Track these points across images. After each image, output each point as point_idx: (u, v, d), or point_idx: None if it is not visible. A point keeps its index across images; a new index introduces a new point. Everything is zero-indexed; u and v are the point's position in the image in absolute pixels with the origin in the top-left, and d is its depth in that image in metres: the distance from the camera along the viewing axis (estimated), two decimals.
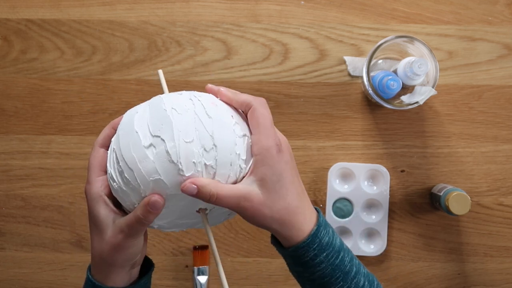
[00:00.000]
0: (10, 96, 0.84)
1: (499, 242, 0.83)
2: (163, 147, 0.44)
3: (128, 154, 0.45)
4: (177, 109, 0.46)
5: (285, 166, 0.47)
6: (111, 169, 0.48)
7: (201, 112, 0.46)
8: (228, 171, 0.46)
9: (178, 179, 0.44)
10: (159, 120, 0.46)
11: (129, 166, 0.45)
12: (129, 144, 0.46)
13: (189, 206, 0.48)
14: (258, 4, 0.83)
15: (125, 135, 0.47)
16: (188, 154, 0.44)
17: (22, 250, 0.85)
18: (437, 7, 0.82)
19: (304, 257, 0.48)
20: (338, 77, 0.83)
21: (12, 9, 0.84)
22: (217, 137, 0.45)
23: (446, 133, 0.83)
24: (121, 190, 0.47)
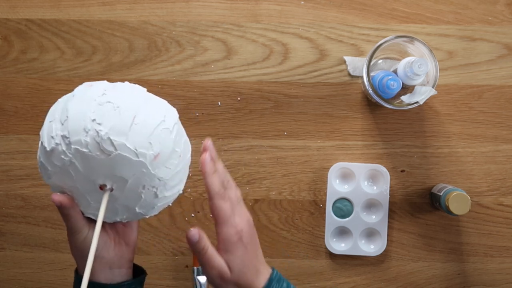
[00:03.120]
0: (10, 96, 0.84)
1: (499, 242, 0.83)
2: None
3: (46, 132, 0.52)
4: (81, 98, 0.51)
5: (244, 250, 0.54)
6: None
7: (72, 95, 0.52)
8: (82, 137, 0.48)
9: (47, 156, 0.51)
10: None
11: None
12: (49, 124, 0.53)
13: (89, 184, 0.51)
14: (258, 4, 0.83)
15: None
16: (48, 131, 0.50)
17: (22, 250, 0.85)
18: (437, 7, 0.82)
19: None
20: (338, 77, 0.83)
21: (12, 9, 0.84)
22: (70, 109, 0.49)
23: (446, 133, 0.83)
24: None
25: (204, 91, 0.83)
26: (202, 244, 0.53)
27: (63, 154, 0.49)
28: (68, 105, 0.49)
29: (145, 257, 0.84)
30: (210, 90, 0.83)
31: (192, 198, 0.84)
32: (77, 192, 0.52)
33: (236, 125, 0.83)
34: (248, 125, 0.83)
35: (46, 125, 0.51)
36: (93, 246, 0.49)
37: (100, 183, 0.51)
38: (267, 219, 0.83)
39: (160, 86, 0.83)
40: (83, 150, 0.48)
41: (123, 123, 0.49)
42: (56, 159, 0.50)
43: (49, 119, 0.51)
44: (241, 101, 0.83)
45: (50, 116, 0.51)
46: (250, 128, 0.83)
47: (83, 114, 0.48)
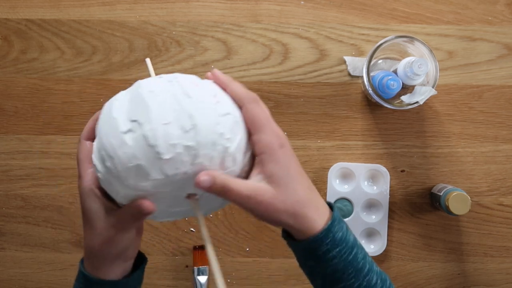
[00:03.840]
0: (10, 96, 0.84)
1: (499, 242, 0.83)
2: (140, 131, 0.43)
3: (107, 141, 0.44)
4: (154, 92, 0.45)
5: (290, 160, 0.46)
6: (95, 159, 0.46)
7: (179, 93, 0.45)
8: (210, 151, 0.44)
9: (158, 163, 0.43)
10: (136, 105, 0.44)
11: (110, 154, 0.44)
12: (107, 131, 0.45)
13: (178, 192, 0.46)
14: (258, 4, 0.83)
15: (104, 123, 0.46)
16: (166, 136, 0.42)
17: (22, 250, 0.85)
18: (437, 7, 0.82)
19: (317, 251, 0.47)
20: (338, 77, 0.83)
21: (12, 9, 0.84)
22: (196, 117, 0.43)
23: (446, 133, 0.83)
24: (106, 180, 0.46)
25: None
26: (220, 182, 0.43)
27: (182, 164, 0.43)
28: (189, 110, 0.44)
29: None
30: None
31: None
32: (157, 198, 0.46)
33: None
34: None
35: (159, 128, 0.43)
36: (216, 267, 0.44)
37: (190, 192, 0.46)
38: None
39: None
40: (205, 164, 0.44)
41: (244, 139, 0.45)
42: (170, 169, 0.43)
43: (158, 119, 0.43)
44: None
45: (141, 113, 0.44)
46: None
47: (212, 126, 0.44)
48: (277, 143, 0.46)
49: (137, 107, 0.44)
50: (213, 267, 0.44)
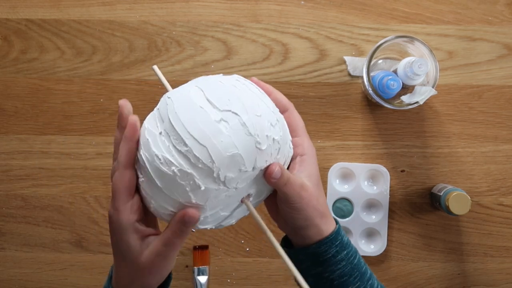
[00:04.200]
0: (10, 96, 0.84)
1: (499, 242, 0.83)
2: (237, 120, 0.42)
3: (198, 130, 0.42)
4: (236, 86, 0.45)
5: (317, 168, 0.50)
6: (165, 153, 0.42)
7: (256, 90, 0.46)
8: (286, 148, 0.46)
9: (254, 153, 0.42)
10: (225, 95, 0.44)
11: (201, 143, 0.41)
12: (195, 120, 0.42)
13: (235, 194, 0.45)
14: (258, 4, 0.83)
15: (186, 111, 0.43)
16: (261, 127, 0.43)
17: (22, 250, 0.85)
18: (437, 7, 0.82)
19: (327, 254, 0.48)
20: (338, 77, 0.83)
21: (12, 9, 0.84)
22: (277, 113, 0.46)
23: (446, 133, 0.83)
24: (181, 175, 0.42)
25: None
26: (285, 175, 0.46)
27: (269, 157, 0.44)
28: (271, 105, 0.46)
29: None
30: None
31: None
32: (214, 202, 0.45)
33: None
34: None
35: (254, 119, 0.43)
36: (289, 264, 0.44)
37: (246, 194, 0.46)
38: (267, 219, 0.83)
39: (160, 86, 0.83)
40: (281, 158, 0.46)
41: (287, 134, 0.48)
42: (260, 161, 0.44)
43: (251, 110, 0.43)
44: None
45: (233, 104, 0.43)
46: None
47: (285, 124, 0.48)
48: (314, 149, 0.51)
49: (226, 97, 0.43)
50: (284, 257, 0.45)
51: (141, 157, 0.44)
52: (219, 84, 0.45)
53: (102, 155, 0.84)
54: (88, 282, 0.84)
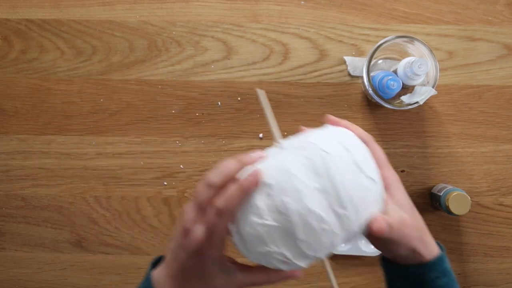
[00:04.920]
0: (10, 96, 0.84)
1: (499, 242, 0.83)
2: (377, 187, 0.46)
3: (358, 197, 0.44)
4: (360, 145, 0.49)
5: (405, 192, 0.51)
6: (319, 209, 0.43)
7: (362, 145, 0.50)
8: (380, 192, 0.48)
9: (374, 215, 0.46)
10: (368, 160, 0.47)
11: (359, 210, 0.44)
12: (356, 187, 0.44)
13: None
14: (258, 4, 0.83)
15: (347, 175, 0.44)
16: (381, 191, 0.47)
17: (22, 250, 0.85)
18: (437, 7, 0.82)
19: (426, 277, 0.48)
20: (338, 77, 0.83)
21: (12, 9, 0.84)
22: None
23: (446, 133, 0.83)
24: (326, 234, 0.43)
25: (204, 91, 0.83)
26: (388, 225, 0.46)
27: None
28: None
29: (145, 257, 0.84)
30: (210, 90, 0.83)
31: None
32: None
33: (236, 125, 0.83)
34: (248, 125, 0.83)
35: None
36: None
37: None
38: None
39: (160, 86, 0.83)
40: None
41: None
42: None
43: (377, 176, 0.47)
44: (241, 101, 0.83)
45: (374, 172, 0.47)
46: (250, 128, 0.83)
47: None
48: (397, 174, 0.51)
49: (369, 163, 0.47)
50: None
51: (282, 203, 0.43)
52: (357, 142, 0.48)
53: (102, 155, 0.84)
54: (88, 282, 0.85)
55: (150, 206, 0.84)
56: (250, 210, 0.44)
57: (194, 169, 0.84)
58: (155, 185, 0.84)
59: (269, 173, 0.44)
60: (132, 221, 0.84)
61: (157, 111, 0.84)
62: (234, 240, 0.47)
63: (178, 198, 0.84)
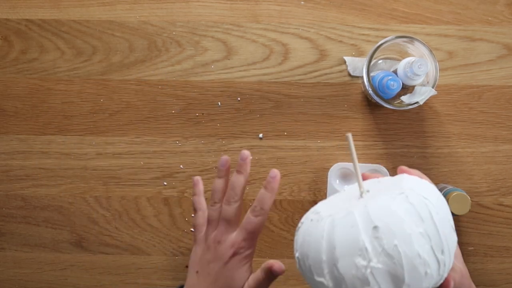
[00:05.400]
0: (10, 96, 0.84)
1: (499, 242, 0.83)
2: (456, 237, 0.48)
3: (452, 244, 0.46)
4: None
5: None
6: (425, 254, 0.44)
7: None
8: None
9: None
10: (449, 212, 0.49)
11: (451, 256, 0.46)
12: (452, 234, 0.47)
13: None
14: (258, 4, 0.83)
15: (446, 223, 0.46)
16: None
17: (22, 250, 0.85)
18: (437, 7, 0.82)
19: None
20: (338, 77, 0.83)
21: (12, 9, 0.84)
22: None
23: (446, 133, 0.83)
24: (426, 278, 0.44)
25: (204, 91, 0.83)
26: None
27: None
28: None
29: (145, 257, 0.84)
30: (210, 90, 0.83)
31: None
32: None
33: (236, 125, 0.83)
34: (248, 125, 0.83)
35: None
36: None
37: None
38: (267, 219, 0.83)
39: (160, 86, 0.83)
40: None
41: None
42: None
43: None
44: (241, 101, 0.83)
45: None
46: (250, 128, 0.83)
47: None
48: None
49: (449, 214, 0.49)
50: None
51: (392, 246, 0.43)
52: (439, 196, 0.49)
53: (102, 155, 0.84)
54: (88, 282, 0.85)
55: (150, 206, 0.84)
56: (357, 252, 0.44)
57: (194, 169, 0.84)
58: (155, 185, 0.84)
59: (375, 214, 0.44)
60: (132, 221, 0.84)
61: (157, 111, 0.84)
62: (320, 284, 0.47)
63: (178, 198, 0.84)
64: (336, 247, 0.44)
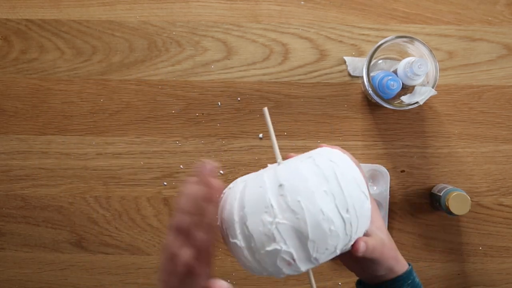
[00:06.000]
0: (10, 96, 0.84)
1: (499, 242, 0.83)
2: (368, 203, 0.49)
3: (359, 205, 0.47)
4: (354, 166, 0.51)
5: (379, 213, 0.56)
6: (329, 211, 0.45)
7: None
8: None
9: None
10: (360, 178, 0.49)
11: (358, 217, 0.47)
12: (359, 195, 0.47)
13: None
14: (258, 4, 0.83)
15: (351, 184, 0.47)
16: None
17: (22, 250, 0.85)
18: (437, 7, 0.82)
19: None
20: (338, 77, 0.83)
21: (12, 9, 0.84)
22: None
23: (446, 133, 0.83)
24: (332, 236, 0.45)
25: (204, 91, 0.83)
26: (370, 247, 0.50)
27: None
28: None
29: (145, 257, 0.84)
30: (210, 90, 0.83)
31: None
32: None
33: (236, 125, 0.83)
34: (248, 125, 0.83)
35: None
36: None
37: None
38: None
39: (160, 86, 0.83)
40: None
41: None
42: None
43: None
44: (241, 101, 0.83)
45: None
46: (250, 128, 0.83)
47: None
48: (373, 200, 0.54)
49: (362, 180, 0.49)
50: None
51: (296, 202, 0.44)
52: (351, 161, 0.50)
53: (102, 155, 0.84)
54: (88, 282, 0.85)
55: (150, 206, 0.84)
56: (263, 209, 0.45)
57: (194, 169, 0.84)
58: (155, 185, 0.84)
59: (281, 175, 0.46)
60: (132, 221, 0.84)
61: (157, 111, 0.84)
62: (234, 245, 0.48)
63: (178, 198, 0.84)
64: (245, 206, 0.46)
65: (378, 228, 0.53)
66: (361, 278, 0.57)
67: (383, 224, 0.55)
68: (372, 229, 0.52)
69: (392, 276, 0.53)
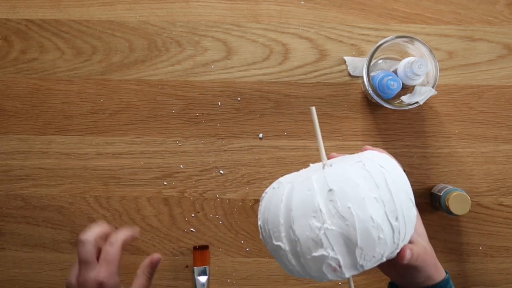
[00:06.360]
0: (10, 96, 0.84)
1: (499, 242, 0.83)
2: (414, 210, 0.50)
3: (408, 213, 0.46)
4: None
5: (420, 219, 0.57)
6: (378, 218, 0.44)
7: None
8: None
9: None
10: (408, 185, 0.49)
11: (406, 225, 0.47)
12: (409, 203, 0.47)
13: None
14: (258, 4, 0.83)
15: (402, 192, 0.47)
16: None
17: (22, 250, 0.85)
18: (437, 7, 0.82)
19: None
20: (338, 77, 0.83)
21: (12, 9, 0.84)
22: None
23: (446, 133, 0.83)
24: (380, 243, 0.44)
25: (204, 91, 0.83)
26: (415, 254, 0.51)
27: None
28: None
29: (145, 257, 0.84)
30: (210, 90, 0.83)
31: (192, 198, 0.84)
32: None
33: (236, 125, 0.83)
34: (248, 125, 0.83)
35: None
36: None
37: None
38: None
39: (160, 86, 0.83)
40: None
41: None
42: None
43: None
44: (241, 101, 0.83)
45: None
46: (250, 128, 0.83)
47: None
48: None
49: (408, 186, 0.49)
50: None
51: (345, 208, 0.44)
52: (398, 168, 0.50)
53: (102, 155, 0.84)
54: None
55: (150, 206, 0.84)
56: (311, 214, 0.44)
57: (194, 169, 0.84)
58: (155, 185, 0.84)
59: (331, 179, 0.45)
60: (132, 221, 0.84)
61: (157, 111, 0.84)
62: (277, 247, 0.47)
63: (178, 198, 0.84)
64: (293, 209, 0.45)
65: (420, 235, 0.53)
66: (397, 283, 0.57)
67: (424, 231, 0.55)
68: (415, 236, 0.52)
69: (430, 283, 0.54)
